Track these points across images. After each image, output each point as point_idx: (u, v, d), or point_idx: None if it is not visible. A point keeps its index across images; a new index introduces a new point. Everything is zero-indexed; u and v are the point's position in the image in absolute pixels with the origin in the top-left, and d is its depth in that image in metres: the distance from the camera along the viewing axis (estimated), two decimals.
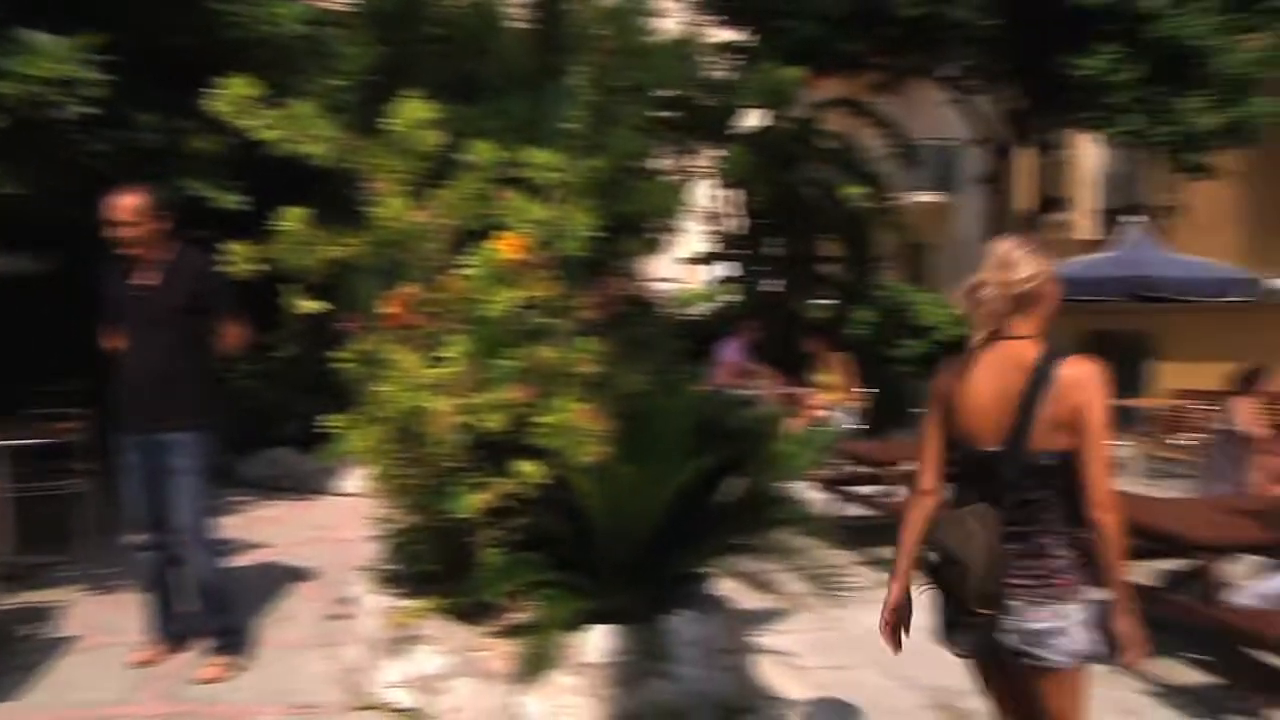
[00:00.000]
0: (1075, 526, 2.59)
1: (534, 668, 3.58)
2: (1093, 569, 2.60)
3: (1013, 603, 2.58)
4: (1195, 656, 5.01)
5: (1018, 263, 2.64)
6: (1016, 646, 2.59)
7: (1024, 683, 2.67)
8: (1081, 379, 2.56)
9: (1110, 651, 2.60)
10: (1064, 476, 2.57)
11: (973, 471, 2.70)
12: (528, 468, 3.58)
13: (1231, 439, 6.87)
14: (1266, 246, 11.11)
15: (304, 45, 7.50)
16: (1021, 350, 2.63)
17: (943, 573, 2.63)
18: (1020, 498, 2.59)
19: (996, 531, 2.56)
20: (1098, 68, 8.84)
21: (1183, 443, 10.48)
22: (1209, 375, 10.85)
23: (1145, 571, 6.18)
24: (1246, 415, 6.77)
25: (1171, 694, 4.58)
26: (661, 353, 4.18)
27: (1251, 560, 5.27)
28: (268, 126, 3.76)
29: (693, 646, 3.90)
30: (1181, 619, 4.80)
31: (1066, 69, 8.99)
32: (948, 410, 2.74)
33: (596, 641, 3.77)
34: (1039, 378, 2.57)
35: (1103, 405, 2.55)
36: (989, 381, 2.64)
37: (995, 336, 2.67)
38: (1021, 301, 2.63)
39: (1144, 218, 12.11)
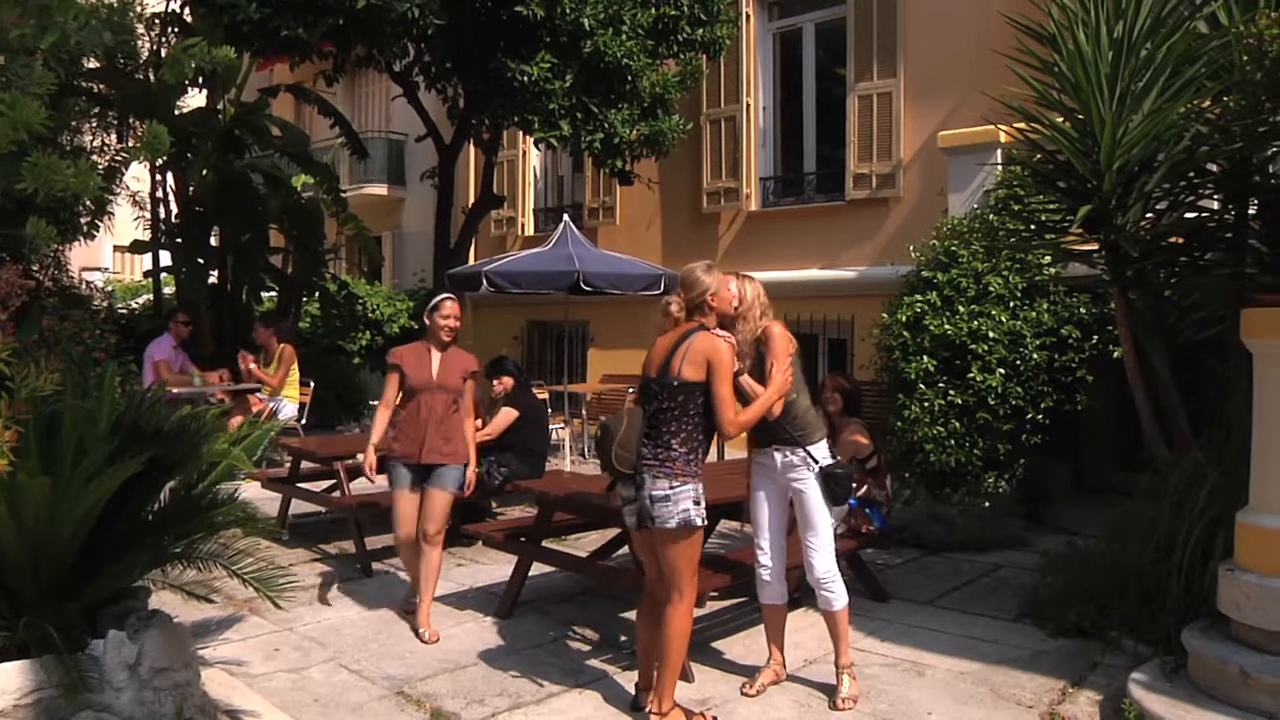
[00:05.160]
0: (695, 432, 3.86)
1: None
2: (698, 462, 3.87)
3: (643, 475, 3.82)
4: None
5: (696, 281, 3.95)
6: (649, 513, 3.77)
7: (653, 544, 3.91)
8: (710, 341, 3.84)
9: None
10: (687, 396, 3.83)
11: (642, 389, 4.03)
12: None
13: None
14: (679, 245, 12.64)
15: None
16: (686, 327, 3.93)
17: (601, 441, 3.96)
18: (658, 406, 3.88)
19: (639, 423, 3.91)
20: (535, 74, 9.40)
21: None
22: (634, 361, 12.07)
23: (582, 544, 6.75)
24: None
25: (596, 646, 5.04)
26: (78, 349, 3.76)
27: None
28: None
29: (125, 670, 3.56)
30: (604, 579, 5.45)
31: (506, 73, 9.45)
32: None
33: (3, 682, 3.30)
34: (683, 338, 3.88)
35: (726, 358, 3.81)
36: (663, 342, 3.97)
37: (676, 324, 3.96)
38: (697, 306, 3.95)
39: (579, 217, 13.16)
